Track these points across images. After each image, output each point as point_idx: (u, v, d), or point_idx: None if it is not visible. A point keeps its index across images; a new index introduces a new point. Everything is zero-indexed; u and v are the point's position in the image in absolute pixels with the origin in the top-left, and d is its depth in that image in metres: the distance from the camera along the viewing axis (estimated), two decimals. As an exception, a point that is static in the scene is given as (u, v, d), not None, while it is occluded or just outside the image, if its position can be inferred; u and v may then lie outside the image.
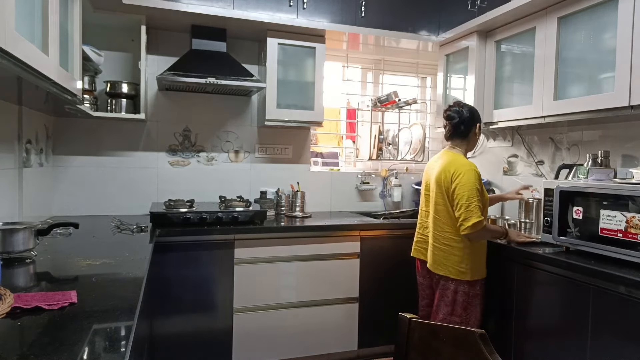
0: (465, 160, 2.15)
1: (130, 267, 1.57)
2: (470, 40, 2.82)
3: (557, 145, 2.65)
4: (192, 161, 3.07)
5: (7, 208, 1.98)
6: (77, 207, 2.80)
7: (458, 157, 2.16)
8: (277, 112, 2.88)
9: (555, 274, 1.90)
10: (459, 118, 2.20)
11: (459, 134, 2.22)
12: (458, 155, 2.19)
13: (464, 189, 2.04)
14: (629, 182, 1.83)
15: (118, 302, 1.19)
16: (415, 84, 3.74)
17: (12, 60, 1.14)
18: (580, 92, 2.15)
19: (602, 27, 2.04)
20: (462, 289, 2.11)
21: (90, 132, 2.82)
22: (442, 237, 2.15)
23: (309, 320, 2.72)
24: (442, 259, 2.14)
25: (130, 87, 2.70)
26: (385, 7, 2.97)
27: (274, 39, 2.84)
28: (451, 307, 2.13)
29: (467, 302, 2.12)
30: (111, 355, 0.89)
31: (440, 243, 2.16)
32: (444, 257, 2.14)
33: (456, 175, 2.07)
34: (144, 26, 2.62)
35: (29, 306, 1.09)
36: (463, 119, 2.20)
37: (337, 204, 3.43)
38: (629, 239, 1.71)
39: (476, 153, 3.33)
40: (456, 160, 2.14)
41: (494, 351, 1.06)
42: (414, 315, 1.22)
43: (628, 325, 1.60)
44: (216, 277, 2.52)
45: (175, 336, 2.45)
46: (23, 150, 2.17)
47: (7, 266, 1.51)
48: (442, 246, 2.15)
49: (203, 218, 2.55)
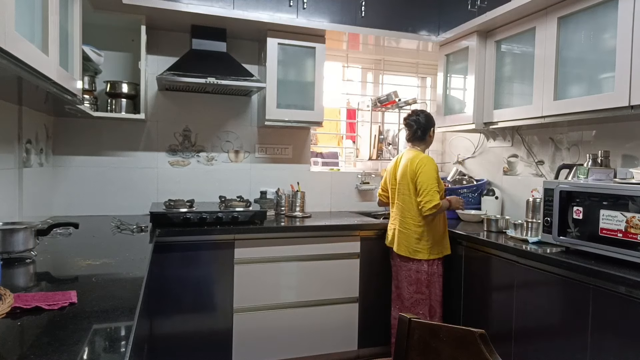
0: (425, 155, 2.53)
1: (130, 267, 1.57)
2: (470, 40, 2.82)
3: (557, 145, 2.65)
4: (192, 161, 3.07)
5: (7, 208, 1.98)
6: (77, 207, 2.80)
7: (420, 154, 2.53)
8: (277, 112, 2.88)
9: (555, 274, 1.90)
10: (416, 125, 2.56)
11: (417, 138, 2.58)
12: (419, 152, 2.56)
13: (425, 177, 2.41)
14: (629, 182, 1.82)
15: (118, 302, 1.19)
16: (415, 84, 3.74)
17: (12, 60, 1.14)
18: (580, 92, 2.15)
19: (602, 27, 2.04)
20: (423, 269, 2.47)
21: (90, 132, 2.82)
22: (404, 222, 2.50)
23: (309, 320, 2.72)
24: (404, 241, 2.50)
25: (130, 87, 2.70)
26: (385, 7, 2.97)
27: (274, 39, 2.84)
28: (415, 286, 2.48)
29: (428, 280, 2.47)
30: (111, 355, 0.89)
31: (403, 227, 2.51)
32: (405, 239, 2.49)
33: (419, 166, 2.44)
34: (144, 26, 2.62)
35: (29, 306, 1.09)
36: (420, 125, 2.56)
37: (337, 204, 3.43)
38: (629, 239, 1.71)
39: (476, 153, 3.33)
40: (418, 155, 2.51)
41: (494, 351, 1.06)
42: (414, 316, 1.22)
43: (628, 325, 1.60)
44: (216, 277, 2.52)
45: (175, 336, 2.45)
46: (23, 150, 2.17)
47: (7, 266, 1.51)
48: (404, 230, 2.50)
49: (203, 218, 2.55)
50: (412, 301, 2.49)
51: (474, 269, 2.43)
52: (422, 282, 2.47)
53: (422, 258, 2.45)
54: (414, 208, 2.47)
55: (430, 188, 2.38)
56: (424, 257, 2.45)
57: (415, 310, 2.47)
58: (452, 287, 2.57)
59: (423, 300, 2.48)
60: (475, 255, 2.41)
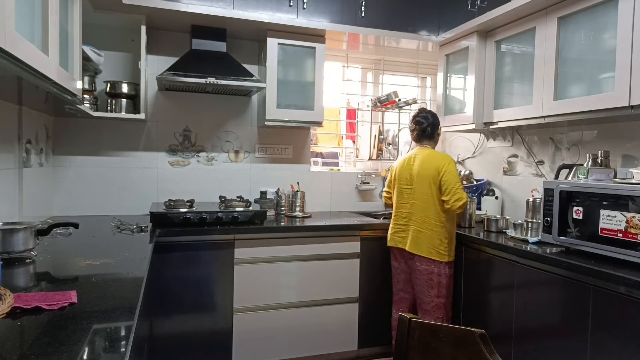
0: (443, 153, 2.49)
1: (130, 267, 1.57)
2: (470, 40, 2.82)
3: (557, 145, 2.65)
4: (192, 161, 3.07)
5: (7, 208, 1.98)
6: (77, 207, 2.80)
7: (436, 152, 2.50)
8: (277, 112, 2.88)
9: (555, 274, 1.90)
10: (426, 122, 2.53)
11: (427, 136, 2.55)
12: (433, 150, 2.53)
13: (451, 175, 2.37)
14: (629, 182, 1.82)
15: (118, 302, 1.19)
16: (415, 84, 3.74)
17: (12, 60, 1.14)
18: (580, 92, 2.15)
19: (602, 27, 2.04)
20: (444, 272, 2.39)
21: (90, 132, 2.82)
22: (426, 223, 2.41)
23: (309, 320, 2.72)
24: (426, 242, 2.40)
25: (130, 87, 2.70)
26: (385, 7, 2.97)
27: (274, 39, 2.84)
28: (437, 289, 2.39)
29: (448, 283, 2.42)
30: (111, 355, 0.89)
31: (425, 228, 2.41)
32: (427, 240, 2.40)
33: (443, 164, 2.40)
34: (144, 26, 2.62)
35: (28, 306, 1.09)
36: (429, 123, 2.53)
37: (337, 204, 3.43)
38: (629, 239, 1.71)
39: (476, 153, 3.33)
40: (437, 154, 2.48)
41: (494, 351, 1.06)
42: (414, 316, 1.22)
43: (628, 325, 1.60)
44: (216, 277, 2.52)
45: (175, 336, 2.45)
46: (23, 150, 2.17)
47: (7, 266, 1.51)
48: (426, 231, 2.40)
49: (203, 218, 2.55)
50: (432, 305, 2.40)
51: (474, 269, 2.43)
52: (443, 285, 2.39)
53: (444, 260, 2.38)
54: (436, 207, 2.39)
55: (458, 186, 2.35)
56: (447, 259, 2.38)
57: (436, 314, 2.39)
58: (452, 287, 2.57)
59: (443, 304, 2.40)
60: (475, 255, 2.41)
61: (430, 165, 2.41)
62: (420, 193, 2.44)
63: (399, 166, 2.60)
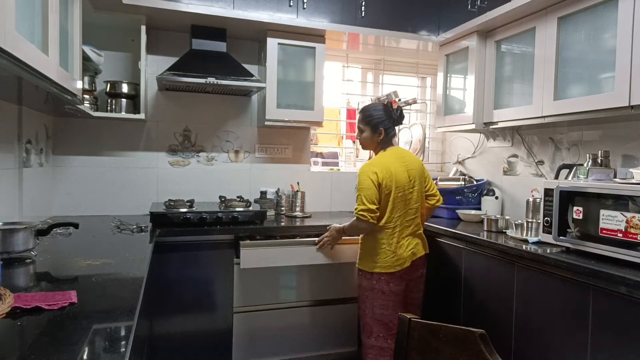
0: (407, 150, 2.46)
1: (130, 267, 1.57)
2: (470, 40, 2.82)
3: (557, 145, 2.65)
4: (192, 161, 3.07)
5: (7, 208, 1.98)
6: (77, 207, 2.80)
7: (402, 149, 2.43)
8: (277, 112, 2.88)
9: (555, 274, 1.90)
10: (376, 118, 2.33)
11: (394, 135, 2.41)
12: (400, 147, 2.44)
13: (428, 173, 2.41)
14: (629, 182, 1.82)
15: (118, 302, 1.19)
16: (415, 84, 3.74)
17: (12, 60, 1.14)
18: (580, 92, 2.15)
19: (602, 27, 2.04)
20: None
21: (90, 132, 2.82)
22: (420, 226, 2.35)
23: (309, 320, 2.72)
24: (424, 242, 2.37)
25: (130, 87, 2.71)
26: (385, 7, 2.97)
27: (274, 39, 2.84)
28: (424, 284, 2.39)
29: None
30: (111, 355, 0.89)
31: (420, 227, 2.35)
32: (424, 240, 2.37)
33: (420, 162, 2.38)
34: (144, 26, 2.62)
35: (28, 306, 1.09)
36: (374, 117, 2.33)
37: (337, 204, 3.43)
38: (629, 239, 1.71)
39: (476, 153, 3.33)
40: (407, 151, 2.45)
41: (494, 351, 1.06)
42: (414, 316, 1.22)
43: (628, 325, 1.60)
44: (216, 277, 2.52)
45: (176, 336, 2.45)
46: (23, 150, 2.17)
47: (7, 266, 1.51)
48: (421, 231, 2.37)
49: (203, 218, 2.55)
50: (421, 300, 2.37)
51: (474, 269, 2.43)
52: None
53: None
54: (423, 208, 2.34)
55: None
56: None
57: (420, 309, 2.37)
58: (452, 287, 2.57)
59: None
60: (475, 256, 2.41)
61: (420, 164, 2.34)
62: (417, 196, 2.27)
63: (394, 168, 2.21)
